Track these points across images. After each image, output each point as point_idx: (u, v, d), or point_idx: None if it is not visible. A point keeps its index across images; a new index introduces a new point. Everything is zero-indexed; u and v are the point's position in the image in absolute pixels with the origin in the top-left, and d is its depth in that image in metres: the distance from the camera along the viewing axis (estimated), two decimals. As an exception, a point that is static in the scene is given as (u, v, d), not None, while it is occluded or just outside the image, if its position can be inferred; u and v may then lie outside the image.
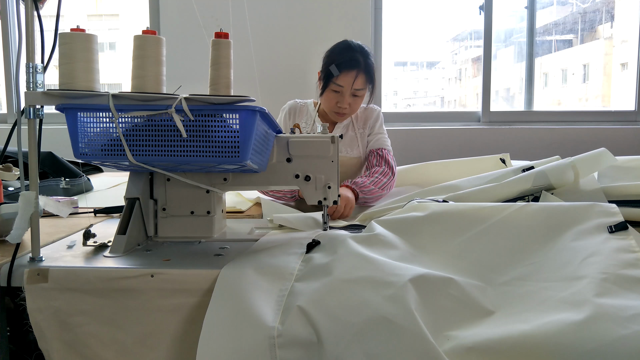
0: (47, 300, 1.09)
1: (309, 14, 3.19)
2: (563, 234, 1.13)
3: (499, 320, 0.95)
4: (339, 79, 1.76)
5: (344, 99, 1.78)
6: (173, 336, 1.07)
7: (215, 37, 1.16)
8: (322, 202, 1.33)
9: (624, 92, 3.50)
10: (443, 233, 1.20)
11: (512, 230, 1.17)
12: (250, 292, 1.00)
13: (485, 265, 1.11)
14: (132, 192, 1.28)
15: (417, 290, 0.97)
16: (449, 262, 1.12)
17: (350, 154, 1.92)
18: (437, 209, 1.26)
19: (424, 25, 3.72)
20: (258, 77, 3.14)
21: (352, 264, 1.04)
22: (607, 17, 3.69)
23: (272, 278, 1.05)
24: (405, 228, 1.23)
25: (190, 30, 3.15)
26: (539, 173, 1.44)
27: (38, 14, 1.12)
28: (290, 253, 1.16)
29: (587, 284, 0.97)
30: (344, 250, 1.10)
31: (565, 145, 3.17)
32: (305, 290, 1.01)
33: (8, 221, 1.22)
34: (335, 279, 1.01)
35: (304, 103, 1.98)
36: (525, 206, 1.22)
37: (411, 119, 3.37)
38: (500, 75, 3.49)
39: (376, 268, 1.02)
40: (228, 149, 1.10)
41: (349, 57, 1.77)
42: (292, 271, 1.08)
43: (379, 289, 0.97)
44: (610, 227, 1.11)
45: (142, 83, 1.13)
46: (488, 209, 1.23)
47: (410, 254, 1.14)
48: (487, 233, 1.18)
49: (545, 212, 1.19)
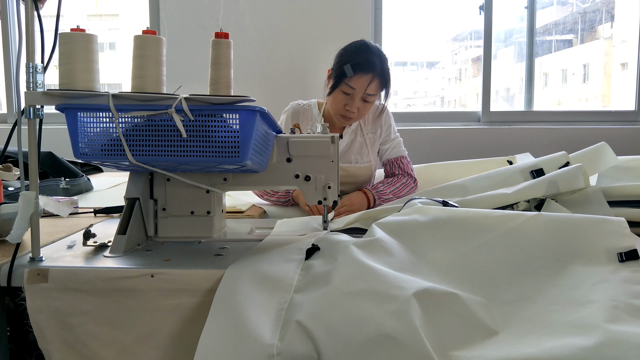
0: (47, 300, 1.09)
1: (309, 14, 3.19)
2: (572, 255, 1.09)
3: (503, 342, 0.93)
4: (352, 81, 1.65)
5: (354, 102, 1.68)
6: (173, 336, 1.07)
7: (215, 37, 1.16)
8: (322, 202, 1.33)
9: (624, 92, 3.50)
10: (446, 241, 1.16)
11: (518, 244, 1.12)
12: (249, 306, 0.97)
13: (489, 280, 1.07)
14: (132, 192, 1.28)
15: (421, 306, 0.93)
16: (452, 273, 1.09)
17: (360, 162, 1.83)
18: (440, 215, 1.22)
19: (424, 25, 3.72)
20: (258, 77, 3.14)
21: (352, 273, 1.01)
22: (607, 17, 3.69)
23: (270, 290, 1.02)
24: (407, 233, 1.19)
25: (190, 30, 3.15)
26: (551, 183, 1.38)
27: (38, 14, 1.12)
28: (289, 260, 1.13)
29: (597, 310, 0.94)
30: (343, 258, 1.06)
31: (565, 145, 3.15)
32: (305, 302, 0.98)
33: (8, 221, 1.22)
34: (336, 290, 0.98)
35: (308, 105, 1.87)
36: (533, 218, 1.16)
37: (411, 119, 3.36)
38: (500, 75, 3.49)
39: (378, 279, 0.99)
40: (228, 149, 1.10)
41: (366, 59, 1.65)
42: (291, 281, 1.04)
43: (382, 303, 0.93)
44: (620, 255, 1.07)
45: (142, 83, 1.13)
46: (493, 218, 1.18)
47: (412, 262, 1.11)
48: (492, 245, 1.13)
49: (554, 227, 1.14)
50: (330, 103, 1.75)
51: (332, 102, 1.73)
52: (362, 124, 1.83)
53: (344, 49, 1.73)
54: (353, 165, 1.82)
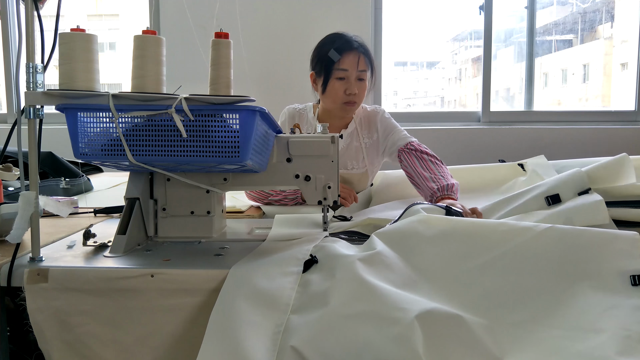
0: (47, 300, 1.09)
1: (309, 14, 3.19)
2: (582, 275, 1.04)
3: None
4: (341, 63, 1.67)
5: (352, 83, 1.68)
6: (173, 336, 1.07)
7: (215, 37, 1.16)
8: (322, 202, 1.33)
9: (624, 92, 3.50)
10: (450, 257, 1.10)
11: (526, 261, 1.07)
12: (245, 329, 0.94)
13: (495, 300, 1.02)
14: (132, 192, 1.28)
15: (423, 330, 0.89)
16: (455, 291, 1.04)
17: (355, 168, 1.80)
18: (444, 227, 1.16)
19: (424, 25, 3.72)
20: (258, 78, 3.14)
21: (351, 292, 0.97)
22: (607, 17, 3.69)
23: (267, 309, 0.99)
24: (408, 245, 1.14)
25: (190, 30, 3.15)
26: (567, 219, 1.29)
27: (38, 14, 1.12)
28: (286, 273, 1.08)
29: (608, 339, 0.90)
30: (342, 274, 1.02)
31: (565, 145, 3.17)
32: (301, 326, 0.94)
33: (8, 221, 1.22)
34: (333, 313, 0.94)
35: (303, 108, 1.86)
36: (543, 232, 1.10)
37: (411, 119, 3.36)
38: (500, 75, 3.49)
39: (379, 300, 0.94)
40: (228, 149, 1.10)
41: (345, 40, 1.70)
42: (288, 300, 1.01)
43: (383, 327, 0.89)
44: (634, 279, 1.02)
45: (142, 83, 1.13)
46: (501, 233, 1.12)
47: (413, 280, 1.05)
48: (499, 262, 1.07)
49: (564, 242, 1.09)
50: (330, 98, 1.72)
51: (331, 94, 1.71)
52: (359, 128, 1.81)
53: (319, 44, 1.75)
54: (348, 171, 1.79)
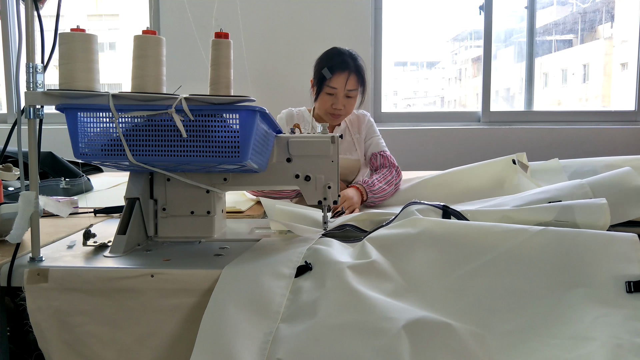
0: (47, 300, 1.09)
1: (309, 14, 3.19)
2: (576, 281, 1.01)
3: None
4: (332, 81, 1.82)
5: (339, 100, 1.84)
6: (173, 336, 1.07)
7: (215, 37, 1.16)
8: (322, 202, 1.33)
9: (624, 92, 3.50)
10: (442, 262, 1.08)
11: (519, 266, 1.04)
12: (235, 337, 0.94)
13: (486, 307, 1.00)
14: (132, 192, 1.28)
15: (410, 340, 0.87)
16: (446, 299, 1.02)
17: (350, 156, 1.96)
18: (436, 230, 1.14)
19: (424, 25, 3.72)
20: (258, 78, 3.14)
21: (339, 302, 0.96)
22: (607, 17, 3.69)
23: (257, 316, 0.98)
24: (399, 251, 1.12)
25: (190, 30, 3.15)
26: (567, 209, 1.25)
27: (38, 14, 1.12)
28: (279, 275, 1.07)
29: (599, 348, 0.88)
30: (332, 283, 1.01)
31: (565, 145, 3.17)
32: (289, 337, 0.94)
33: (8, 221, 1.22)
34: (321, 324, 0.93)
35: (299, 110, 2.00)
36: (538, 234, 1.07)
37: (411, 119, 3.37)
38: (500, 75, 3.49)
39: (367, 309, 0.93)
40: (228, 149, 1.10)
41: (340, 60, 1.84)
42: (278, 308, 1.00)
43: (369, 338, 0.88)
44: (629, 285, 0.98)
45: (142, 83, 1.13)
46: (494, 235, 1.09)
47: (404, 288, 1.04)
48: (491, 268, 1.05)
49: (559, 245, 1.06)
50: (319, 107, 1.91)
51: (320, 105, 1.89)
52: (350, 125, 1.99)
53: (320, 58, 1.91)
54: (342, 156, 1.91)
